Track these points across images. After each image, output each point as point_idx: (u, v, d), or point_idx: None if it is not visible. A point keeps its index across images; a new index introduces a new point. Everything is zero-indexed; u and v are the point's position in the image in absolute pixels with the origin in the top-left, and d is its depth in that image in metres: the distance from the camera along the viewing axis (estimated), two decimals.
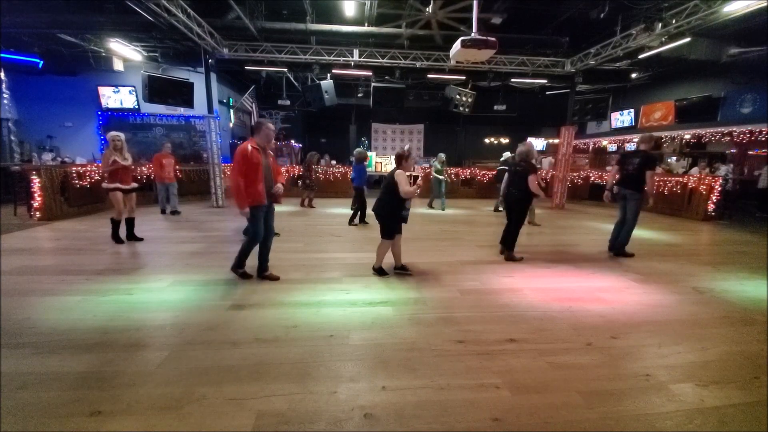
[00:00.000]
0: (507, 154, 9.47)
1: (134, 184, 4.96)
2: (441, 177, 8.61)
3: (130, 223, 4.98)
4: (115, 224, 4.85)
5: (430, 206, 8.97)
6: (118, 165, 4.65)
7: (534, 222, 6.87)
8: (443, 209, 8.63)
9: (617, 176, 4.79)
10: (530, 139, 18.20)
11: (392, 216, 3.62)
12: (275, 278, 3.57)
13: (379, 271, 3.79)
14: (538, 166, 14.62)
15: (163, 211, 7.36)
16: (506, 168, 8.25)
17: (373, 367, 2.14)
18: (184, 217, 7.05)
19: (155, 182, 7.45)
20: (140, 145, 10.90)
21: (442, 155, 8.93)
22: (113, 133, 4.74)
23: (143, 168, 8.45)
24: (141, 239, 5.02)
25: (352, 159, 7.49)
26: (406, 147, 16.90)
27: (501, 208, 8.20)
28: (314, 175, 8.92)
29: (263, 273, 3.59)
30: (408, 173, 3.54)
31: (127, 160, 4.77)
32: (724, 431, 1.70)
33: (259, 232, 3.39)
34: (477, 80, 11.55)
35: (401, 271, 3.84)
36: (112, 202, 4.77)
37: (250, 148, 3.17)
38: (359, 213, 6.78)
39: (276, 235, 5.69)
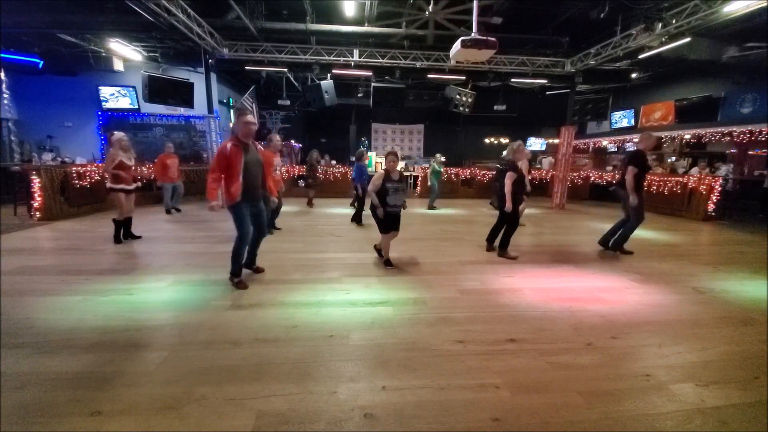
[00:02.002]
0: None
1: (137, 184, 5.10)
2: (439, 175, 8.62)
3: (128, 222, 5.03)
4: (118, 225, 4.88)
5: (432, 207, 8.70)
6: (125, 165, 4.74)
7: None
8: (434, 209, 8.63)
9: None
10: (531, 140, 18.21)
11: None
12: (261, 270, 3.72)
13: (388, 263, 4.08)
14: (538, 165, 14.63)
15: (168, 211, 7.35)
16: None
17: (373, 367, 2.14)
18: (184, 217, 7.05)
19: (162, 182, 7.40)
20: (140, 145, 10.90)
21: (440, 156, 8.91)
22: (121, 134, 4.86)
23: (143, 168, 8.42)
24: (139, 237, 5.09)
25: (353, 159, 7.48)
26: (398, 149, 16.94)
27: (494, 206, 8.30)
28: (317, 173, 8.76)
29: (249, 267, 3.66)
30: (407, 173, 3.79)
31: (131, 160, 4.88)
32: (724, 431, 1.70)
33: (245, 232, 3.25)
34: (477, 80, 11.56)
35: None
36: (116, 202, 4.82)
37: (229, 145, 3.08)
38: (357, 212, 6.73)
39: (277, 229, 5.73)
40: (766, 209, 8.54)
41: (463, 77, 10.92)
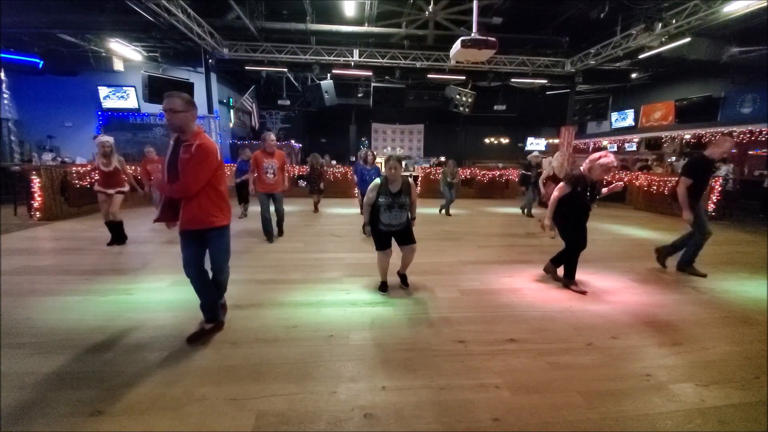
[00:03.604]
0: (536, 154, 8.39)
1: (124, 188, 4.80)
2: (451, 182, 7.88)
3: (112, 226, 4.78)
4: (108, 226, 4.78)
5: (448, 213, 7.93)
6: (100, 170, 4.60)
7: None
8: (449, 213, 7.98)
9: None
10: (530, 140, 18.06)
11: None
12: (200, 336, 2.39)
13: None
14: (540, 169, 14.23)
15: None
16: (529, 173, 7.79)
17: (373, 367, 2.14)
18: None
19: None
20: (140, 146, 10.87)
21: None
22: (101, 139, 4.63)
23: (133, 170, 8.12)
24: (123, 242, 4.82)
25: (353, 159, 7.35)
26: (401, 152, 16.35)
27: (526, 211, 7.99)
28: (320, 176, 7.91)
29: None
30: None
31: (108, 166, 4.61)
32: (724, 431, 1.70)
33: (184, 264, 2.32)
34: (477, 80, 11.58)
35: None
36: None
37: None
38: None
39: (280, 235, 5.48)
40: (766, 209, 8.53)
41: (463, 77, 10.93)
